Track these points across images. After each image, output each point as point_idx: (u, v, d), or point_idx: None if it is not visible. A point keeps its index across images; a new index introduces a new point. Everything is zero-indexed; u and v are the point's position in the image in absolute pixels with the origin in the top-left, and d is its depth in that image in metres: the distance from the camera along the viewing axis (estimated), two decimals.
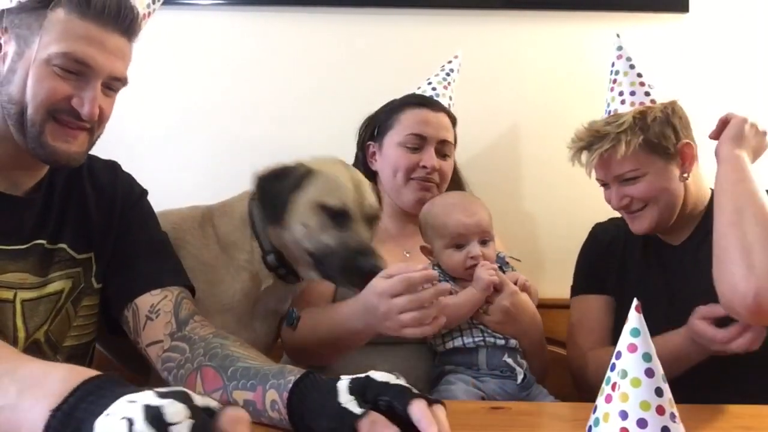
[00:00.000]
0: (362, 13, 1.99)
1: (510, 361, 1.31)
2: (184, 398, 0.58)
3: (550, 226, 1.95)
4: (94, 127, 1.11)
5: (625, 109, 1.40)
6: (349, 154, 1.77)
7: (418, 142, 1.59)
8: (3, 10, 1.08)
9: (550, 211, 1.95)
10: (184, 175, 1.94)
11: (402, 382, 0.81)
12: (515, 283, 1.39)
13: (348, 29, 1.99)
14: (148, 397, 0.57)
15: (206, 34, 1.99)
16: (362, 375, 0.82)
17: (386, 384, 0.79)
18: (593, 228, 1.61)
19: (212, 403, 0.60)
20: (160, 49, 1.88)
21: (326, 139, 1.91)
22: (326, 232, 1.19)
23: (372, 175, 1.65)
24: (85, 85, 1.07)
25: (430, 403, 0.77)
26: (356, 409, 0.76)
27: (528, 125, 1.96)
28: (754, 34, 1.97)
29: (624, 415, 0.76)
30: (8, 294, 1.06)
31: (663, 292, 1.43)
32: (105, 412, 0.58)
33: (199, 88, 1.98)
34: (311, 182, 1.22)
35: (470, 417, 1.06)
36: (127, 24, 1.10)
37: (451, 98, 1.75)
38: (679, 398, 0.79)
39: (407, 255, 1.59)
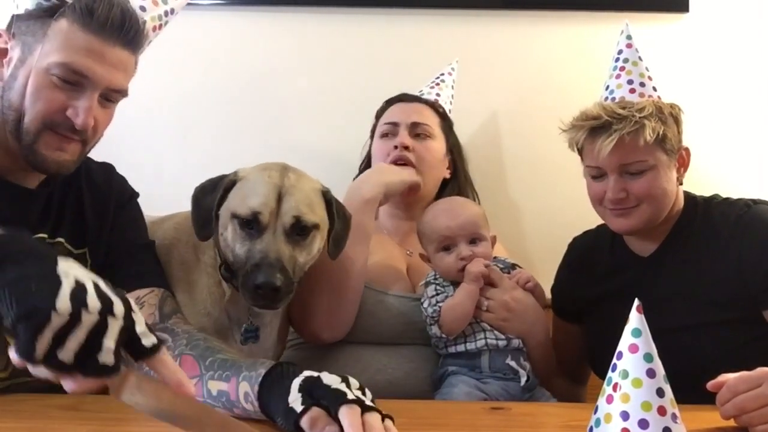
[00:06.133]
0: (362, 14, 1.98)
1: (513, 363, 1.30)
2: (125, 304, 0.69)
3: (542, 226, 1.94)
4: (88, 138, 1.11)
5: (634, 98, 1.33)
6: (349, 152, 1.77)
7: (391, 129, 1.63)
8: (13, 16, 1.09)
9: (546, 210, 1.95)
10: (183, 176, 1.93)
11: (349, 387, 0.81)
12: (519, 282, 1.39)
13: (348, 29, 1.98)
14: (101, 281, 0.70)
15: (205, 34, 1.99)
16: (316, 374, 0.84)
17: (327, 387, 0.81)
18: (569, 246, 1.58)
19: (148, 340, 0.71)
20: (160, 49, 1.87)
21: (327, 139, 1.91)
22: (238, 243, 1.15)
23: None
24: (81, 95, 1.06)
25: (366, 410, 0.77)
26: (298, 407, 0.79)
27: (527, 125, 1.95)
28: (754, 34, 1.97)
29: (625, 415, 0.76)
30: None
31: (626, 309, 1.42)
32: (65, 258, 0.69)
33: (198, 89, 1.97)
34: (232, 192, 1.19)
35: (470, 417, 1.06)
36: (131, 37, 1.09)
37: (438, 95, 1.77)
38: (680, 398, 0.79)
39: (409, 254, 1.59)
